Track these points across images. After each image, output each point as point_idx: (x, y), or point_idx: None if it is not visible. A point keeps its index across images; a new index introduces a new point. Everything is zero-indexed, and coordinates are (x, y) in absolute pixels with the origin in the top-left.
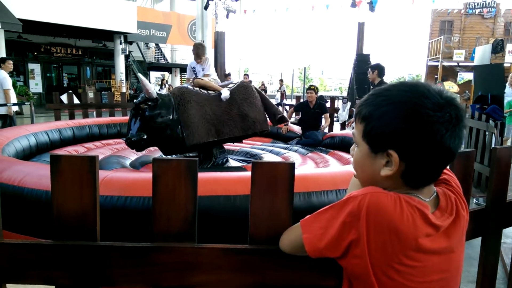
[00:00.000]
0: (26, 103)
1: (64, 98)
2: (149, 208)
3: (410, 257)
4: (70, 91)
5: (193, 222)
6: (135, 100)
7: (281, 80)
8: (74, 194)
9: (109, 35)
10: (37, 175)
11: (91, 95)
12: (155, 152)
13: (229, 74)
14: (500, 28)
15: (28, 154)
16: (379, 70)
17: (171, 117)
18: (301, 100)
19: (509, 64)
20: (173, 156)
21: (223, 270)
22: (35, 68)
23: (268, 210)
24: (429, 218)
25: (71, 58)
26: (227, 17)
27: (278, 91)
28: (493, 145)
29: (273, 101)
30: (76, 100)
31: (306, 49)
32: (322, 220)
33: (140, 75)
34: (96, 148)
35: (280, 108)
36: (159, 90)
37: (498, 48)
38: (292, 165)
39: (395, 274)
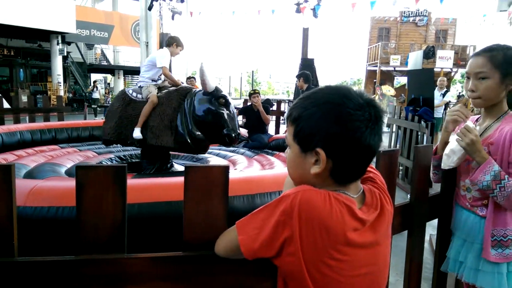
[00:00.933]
0: None
1: None
2: None
3: (340, 251)
4: (0, 95)
5: (122, 232)
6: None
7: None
8: None
9: (45, 35)
10: None
11: (24, 98)
12: (93, 159)
13: (192, 78)
14: (432, 35)
15: None
16: (305, 77)
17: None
18: (248, 104)
19: (439, 69)
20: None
21: (155, 281)
22: None
23: (203, 216)
24: (356, 213)
25: (1, 59)
26: (173, 18)
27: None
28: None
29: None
30: (6, 104)
31: (254, 52)
32: (256, 220)
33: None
34: (28, 156)
35: None
36: (93, 94)
37: (429, 54)
38: (226, 169)
39: (327, 270)
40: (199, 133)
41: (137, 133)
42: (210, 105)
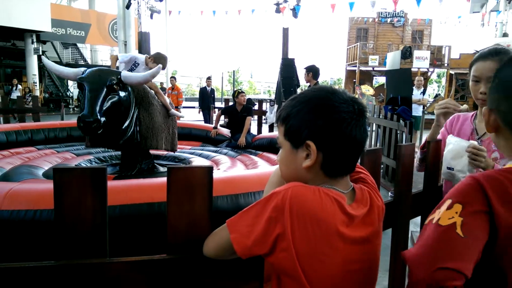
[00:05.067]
0: None
1: None
2: None
3: (331, 245)
4: None
5: (103, 235)
6: (110, 79)
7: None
8: None
9: (19, 34)
10: None
11: None
12: (72, 161)
13: (173, 77)
14: (408, 36)
15: None
16: (314, 72)
17: (133, 110)
18: (230, 103)
19: (416, 69)
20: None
21: (139, 285)
22: None
23: (186, 217)
24: (345, 208)
25: None
26: (151, 17)
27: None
28: (403, 143)
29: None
30: None
31: (235, 52)
32: (248, 218)
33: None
34: (4, 158)
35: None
36: (12, 93)
37: (407, 54)
38: (210, 169)
39: (320, 265)
40: None
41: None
42: None
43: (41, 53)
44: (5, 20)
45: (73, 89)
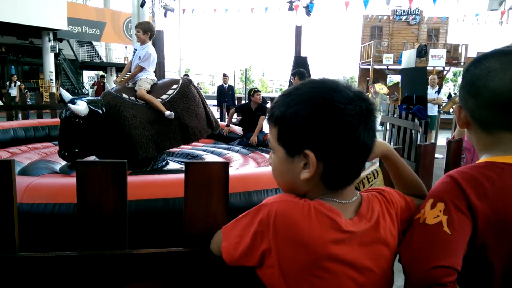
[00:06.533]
0: None
1: None
2: None
3: (323, 267)
4: None
5: (123, 228)
6: (61, 114)
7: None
8: None
9: (37, 32)
10: None
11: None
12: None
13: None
14: (424, 34)
15: None
16: (300, 75)
17: (104, 129)
18: (243, 102)
19: (431, 68)
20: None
21: (157, 276)
22: None
23: (203, 211)
24: (339, 226)
25: None
26: (165, 15)
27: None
28: (418, 142)
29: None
30: None
31: (247, 50)
32: (239, 227)
33: (61, 90)
34: (22, 153)
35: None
36: (9, 90)
37: (422, 52)
38: (226, 165)
39: (310, 287)
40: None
41: (169, 114)
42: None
43: (57, 51)
44: (23, 19)
45: (88, 86)
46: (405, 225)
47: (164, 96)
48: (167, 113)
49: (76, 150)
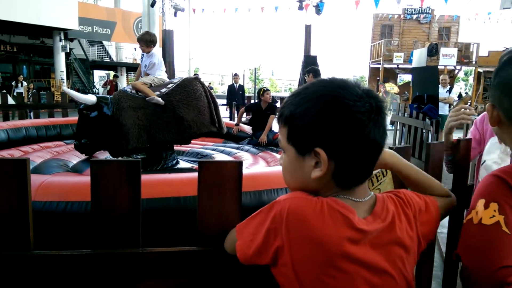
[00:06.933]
0: None
1: None
2: None
3: (337, 266)
4: (4, 91)
5: (136, 226)
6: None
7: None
8: (2, 201)
9: (48, 31)
10: None
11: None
12: (99, 155)
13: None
14: (435, 32)
15: None
16: (314, 73)
17: (111, 122)
18: (252, 101)
19: (442, 67)
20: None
21: (170, 275)
22: None
23: (216, 210)
24: (353, 223)
25: (4, 56)
26: (175, 15)
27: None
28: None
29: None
30: (10, 101)
31: (257, 50)
32: (252, 225)
33: (65, 89)
34: (34, 152)
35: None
36: (14, 90)
37: (433, 51)
38: (239, 164)
39: (324, 287)
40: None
41: (154, 99)
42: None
43: (68, 51)
44: (35, 19)
45: (98, 85)
46: (426, 227)
47: (163, 90)
48: (149, 98)
49: (86, 141)
